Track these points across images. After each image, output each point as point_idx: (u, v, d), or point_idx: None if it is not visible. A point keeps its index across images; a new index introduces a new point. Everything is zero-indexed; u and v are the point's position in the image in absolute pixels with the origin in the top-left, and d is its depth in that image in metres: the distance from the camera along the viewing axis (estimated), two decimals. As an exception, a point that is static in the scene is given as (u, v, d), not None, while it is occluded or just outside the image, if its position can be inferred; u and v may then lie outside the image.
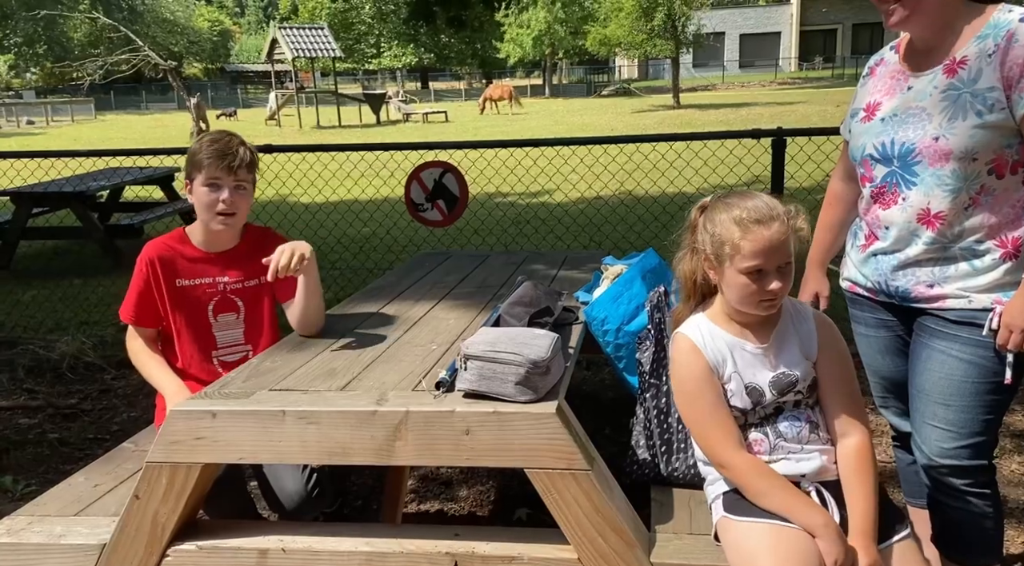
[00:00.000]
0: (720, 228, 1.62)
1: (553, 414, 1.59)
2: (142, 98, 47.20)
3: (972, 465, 1.83)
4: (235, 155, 2.16)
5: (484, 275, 2.91)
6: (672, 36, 27.22)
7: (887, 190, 1.83)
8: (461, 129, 22.01)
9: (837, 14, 45.96)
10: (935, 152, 1.71)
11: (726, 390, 1.67)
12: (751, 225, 1.58)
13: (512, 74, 55.85)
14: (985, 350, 1.75)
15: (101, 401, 3.86)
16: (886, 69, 1.90)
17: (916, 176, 1.76)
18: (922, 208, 1.76)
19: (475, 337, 1.73)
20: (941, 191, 1.73)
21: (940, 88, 1.73)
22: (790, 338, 1.70)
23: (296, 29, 26.77)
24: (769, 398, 1.66)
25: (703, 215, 1.69)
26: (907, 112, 1.78)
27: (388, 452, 1.64)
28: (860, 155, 1.89)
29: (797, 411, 1.68)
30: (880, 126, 1.84)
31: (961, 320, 1.77)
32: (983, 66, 1.66)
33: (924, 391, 1.85)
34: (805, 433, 1.67)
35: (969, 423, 1.81)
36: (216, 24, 64.16)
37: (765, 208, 1.60)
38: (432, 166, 4.08)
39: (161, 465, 1.69)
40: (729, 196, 1.67)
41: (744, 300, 1.63)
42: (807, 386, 1.68)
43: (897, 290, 1.85)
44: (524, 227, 6.31)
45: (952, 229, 1.74)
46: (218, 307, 2.28)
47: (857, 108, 1.94)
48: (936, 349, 1.81)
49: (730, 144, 5.95)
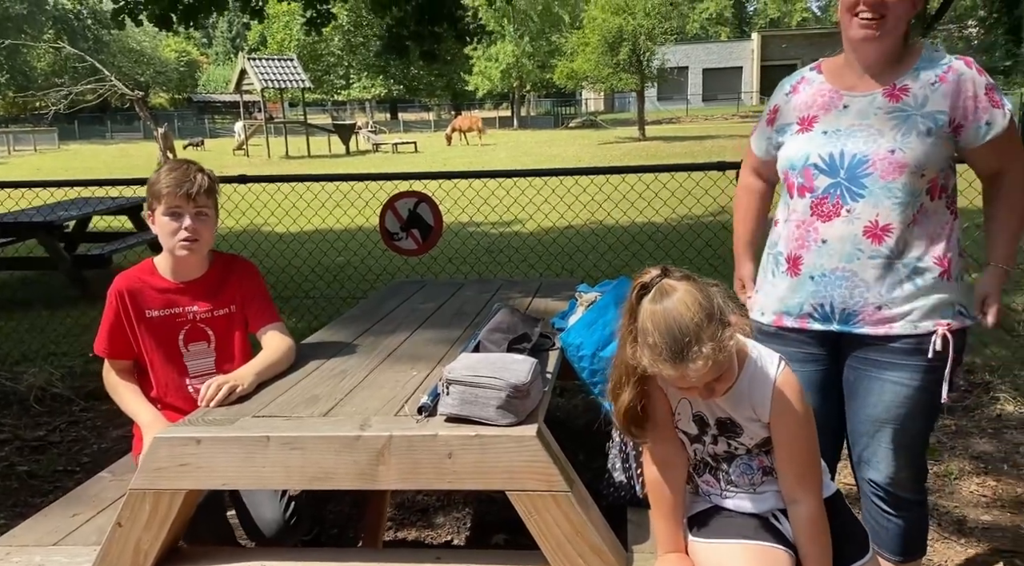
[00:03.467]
0: (640, 350, 1.49)
1: (534, 436, 1.63)
2: (107, 128, 46.75)
3: (922, 478, 2.01)
4: (193, 182, 2.17)
5: (460, 303, 2.96)
6: (637, 70, 27.75)
7: (828, 201, 1.87)
8: (431, 160, 22.14)
9: (796, 50, 47.27)
10: (890, 164, 1.80)
11: (675, 414, 1.67)
12: (663, 363, 1.45)
13: (481, 106, 56.39)
14: (932, 375, 1.86)
15: (70, 433, 3.81)
16: (811, 87, 1.98)
17: (864, 188, 1.82)
18: (870, 220, 1.82)
19: (456, 362, 1.77)
20: (891, 203, 1.80)
21: (885, 109, 1.84)
22: (743, 400, 1.61)
23: (266, 60, 26.82)
24: (713, 429, 1.65)
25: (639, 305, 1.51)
26: (851, 128, 1.86)
27: (371, 477, 1.67)
28: (802, 164, 1.92)
29: (749, 458, 1.66)
30: (823, 138, 1.89)
31: (908, 348, 1.85)
32: (928, 93, 1.81)
33: (879, 420, 1.92)
34: (758, 478, 1.66)
35: (922, 443, 1.96)
36: (183, 54, 63.85)
37: (681, 340, 1.42)
38: (407, 196, 4.14)
39: (145, 492, 1.70)
40: (658, 300, 1.47)
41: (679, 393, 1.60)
42: (756, 444, 1.64)
43: (843, 312, 1.88)
44: (497, 255, 6.39)
45: (898, 244, 1.82)
46: (188, 336, 2.28)
47: (787, 123, 2.00)
48: (888, 380, 1.88)
49: (696, 176, 6.10)
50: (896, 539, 2.00)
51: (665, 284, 1.48)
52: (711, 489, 1.69)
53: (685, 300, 1.44)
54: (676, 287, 1.47)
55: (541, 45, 41.21)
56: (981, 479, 3.06)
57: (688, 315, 1.43)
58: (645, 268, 1.55)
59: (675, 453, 1.67)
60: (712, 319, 1.43)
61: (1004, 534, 2.70)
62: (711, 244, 5.37)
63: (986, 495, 2.95)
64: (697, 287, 1.48)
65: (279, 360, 2.14)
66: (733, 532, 1.62)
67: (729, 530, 1.62)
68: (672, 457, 1.67)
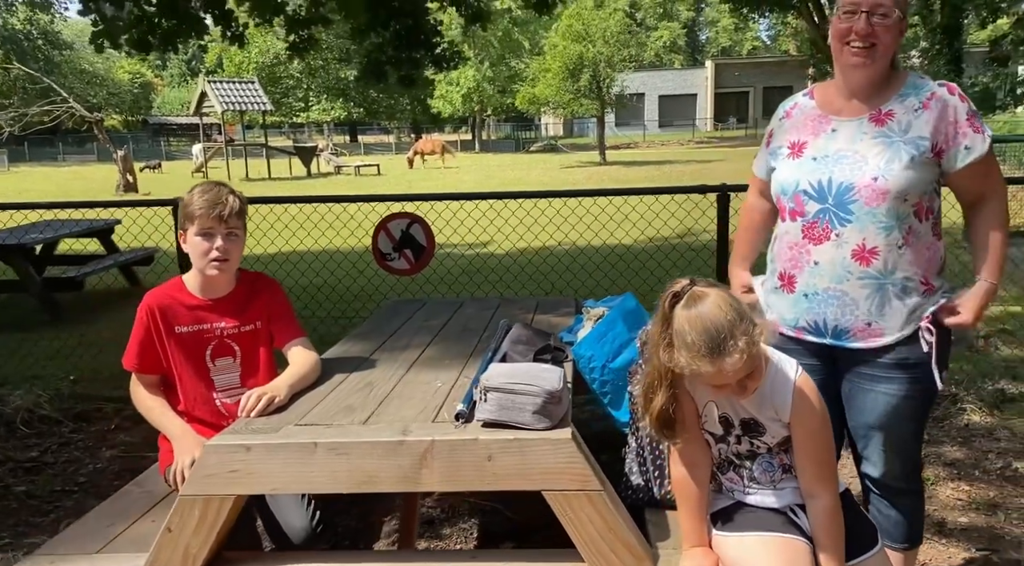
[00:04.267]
0: (677, 351, 1.61)
1: (569, 439, 1.75)
2: (58, 150, 45.80)
3: (915, 471, 2.16)
4: (225, 204, 2.26)
5: (464, 320, 3.06)
6: (597, 96, 28.31)
7: (819, 226, 1.99)
8: (394, 182, 22.21)
9: (749, 78, 48.64)
10: (873, 191, 1.91)
11: (702, 415, 1.81)
12: (701, 359, 1.57)
13: (441, 129, 56.65)
14: (916, 385, 2.00)
15: (62, 454, 3.79)
16: (802, 113, 2.12)
17: (851, 214, 1.94)
18: (857, 244, 1.95)
19: (491, 371, 1.88)
20: (875, 228, 1.93)
21: (871, 134, 1.96)
22: (766, 401, 1.73)
23: (226, 83, 26.69)
24: (737, 430, 1.79)
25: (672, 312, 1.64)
26: (839, 153, 1.98)
27: (415, 479, 1.76)
28: (792, 190, 2.02)
29: (770, 456, 1.80)
30: (813, 164, 2.01)
31: (894, 363, 1.99)
32: (912, 119, 1.94)
33: (875, 427, 2.07)
34: (778, 475, 1.79)
35: (913, 442, 2.12)
36: (137, 76, 63.06)
37: (717, 337, 1.55)
38: (399, 217, 4.24)
39: (195, 498, 1.77)
40: (690, 307, 1.61)
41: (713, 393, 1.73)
42: (777, 443, 1.78)
43: (835, 329, 2.01)
44: (475, 276, 6.49)
45: (886, 266, 1.94)
46: (215, 352, 2.35)
47: (780, 146, 2.13)
48: (880, 392, 2.03)
49: (664, 199, 6.29)
50: (897, 527, 2.14)
51: (696, 291, 1.62)
52: (734, 486, 1.82)
53: (718, 302, 1.59)
54: (707, 292, 1.61)
55: (501, 70, 41.77)
56: (956, 484, 3.25)
57: (722, 315, 1.57)
58: (674, 279, 1.69)
59: (701, 453, 1.80)
60: (743, 318, 1.58)
61: (980, 534, 2.87)
62: (678, 264, 5.55)
63: (961, 499, 3.13)
64: (726, 292, 1.63)
65: (308, 373, 2.22)
66: (755, 525, 1.74)
67: (752, 524, 1.75)
68: (698, 457, 1.79)
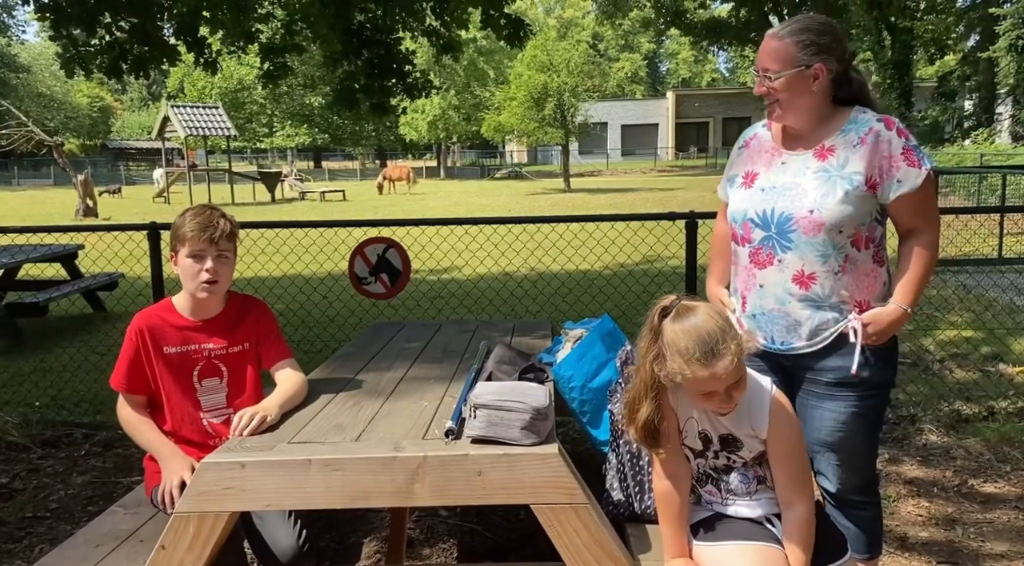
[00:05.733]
0: (670, 359, 1.71)
1: (556, 454, 1.82)
2: (13, 173, 44.88)
3: (870, 485, 2.25)
4: (216, 227, 2.32)
5: (444, 341, 3.12)
6: (561, 125, 28.73)
7: (763, 251, 2.14)
8: (360, 208, 22.20)
9: (709, 108, 49.77)
10: (809, 223, 2.05)
11: (682, 431, 1.91)
12: (695, 364, 1.67)
13: (406, 156, 56.81)
14: (864, 402, 2.11)
15: (32, 480, 3.74)
16: (759, 143, 2.26)
17: (791, 242, 2.08)
18: (797, 270, 2.08)
19: (480, 389, 1.95)
20: (813, 256, 2.06)
21: (813, 169, 2.10)
22: (743, 418, 1.84)
23: (190, 108, 26.53)
24: (715, 445, 1.89)
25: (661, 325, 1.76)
26: (784, 186, 2.12)
27: (407, 494, 1.82)
28: (741, 218, 2.17)
29: (746, 469, 1.90)
30: (760, 195, 2.15)
31: (837, 381, 2.10)
32: (849, 154, 2.06)
33: (824, 442, 2.17)
34: (754, 487, 1.89)
35: (865, 458, 2.22)
36: (96, 100, 62.26)
37: (709, 343, 1.67)
38: (376, 242, 4.29)
39: (189, 515, 1.80)
40: (680, 318, 1.73)
41: (701, 405, 1.83)
42: (753, 457, 1.88)
43: (782, 342, 2.15)
44: (449, 299, 6.56)
45: (824, 290, 2.07)
46: (203, 372, 2.38)
47: (735, 175, 2.29)
48: (827, 409, 2.14)
49: (633, 225, 6.45)
50: (855, 539, 2.23)
51: (685, 304, 1.74)
52: (713, 498, 1.91)
53: (707, 312, 1.72)
54: (696, 305, 1.74)
55: (466, 98, 42.17)
56: (916, 501, 3.38)
57: (712, 322, 1.69)
58: (662, 296, 1.81)
59: (682, 467, 1.89)
60: (731, 326, 1.71)
61: (941, 548, 3.00)
62: (648, 290, 5.68)
63: (922, 515, 3.26)
64: (711, 305, 1.75)
65: (297, 393, 2.26)
66: (734, 535, 1.83)
67: (730, 533, 1.84)
68: (679, 470, 1.88)
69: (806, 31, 2.04)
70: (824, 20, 2.10)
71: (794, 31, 2.05)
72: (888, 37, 26.30)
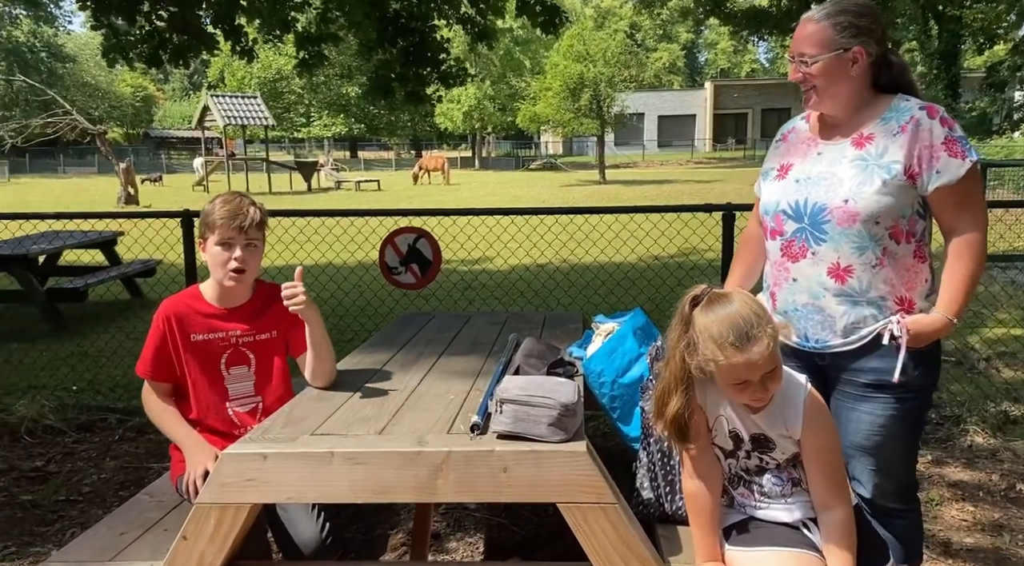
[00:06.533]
0: (702, 346, 1.65)
1: (584, 452, 1.76)
2: (59, 161, 45.87)
3: (908, 492, 2.15)
4: (246, 215, 2.30)
5: (473, 333, 3.08)
6: (597, 116, 28.49)
7: (796, 244, 2.05)
8: (395, 198, 22.28)
9: (747, 99, 49.01)
10: (844, 213, 1.95)
11: (712, 430, 1.83)
12: (729, 349, 1.61)
13: (441, 146, 56.92)
14: (904, 404, 2.01)
15: (66, 463, 3.79)
16: (797, 136, 2.17)
17: (825, 234, 1.99)
18: (832, 262, 1.99)
19: (506, 383, 1.89)
20: (849, 248, 1.97)
21: (850, 157, 2.00)
22: (776, 417, 1.76)
23: (229, 98, 26.84)
24: (747, 445, 1.81)
25: (692, 313, 1.70)
26: (819, 176, 2.03)
27: (431, 490, 1.77)
28: (773, 210, 2.09)
29: (779, 471, 1.81)
30: (794, 186, 2.06)
31: (875, 383, 2.00)
32: (889, 143, 1.96)
33: (860, 446, 2.08)
34: (788, 489, 1.81)
35: (903, 464, 2.12)
36: (139, 90, 63.33)
37: (743, 327, 1.61)
38: (406, 231, 4.26)
39: (211, 506, 1.77)
40: (713, 305, 1.67)
41: (734, 399, 1.75)
42: (786, 459, 1.79)
43: (818, 341, 2.05)
44: (480, 291, 6.53)
45: (861, 283, 1.97)
46: (230, 360, 2.37)
47: (771, 167, 2.19)
48: (863, 412, 2.05)
49: (668, 217, 6.32)
50: (892, 549, 2.14)
51: (716, 292, 1.69)
52: (745, 501, 1.83)
53: (740, 299, 1.66)
54: (728, 292, 1.68)
55: (502, 88, 42.05)
56: (960, 505, 3.26)
57: (746, 309, 1.63)
58: (692, 286, 1.75)
59: (713, 466, 1.81)
60: (765, 311, 1.65)
61: (986, 555, 2.88)
62: (683, 283, 5.57)
63: (967, 520, 3.14)
64: (743, 291, 1.71)
65: (332, 349, 2.27)
66: (768, 540, 1.75)
67: (764, 538, 1.76)
68: (710, 470, 1.80)
69: (843, 13, 1.94)
70: (862, 1, 1.99)
71: (831, 13, 1.95)
72: (935, 26, 25.59)
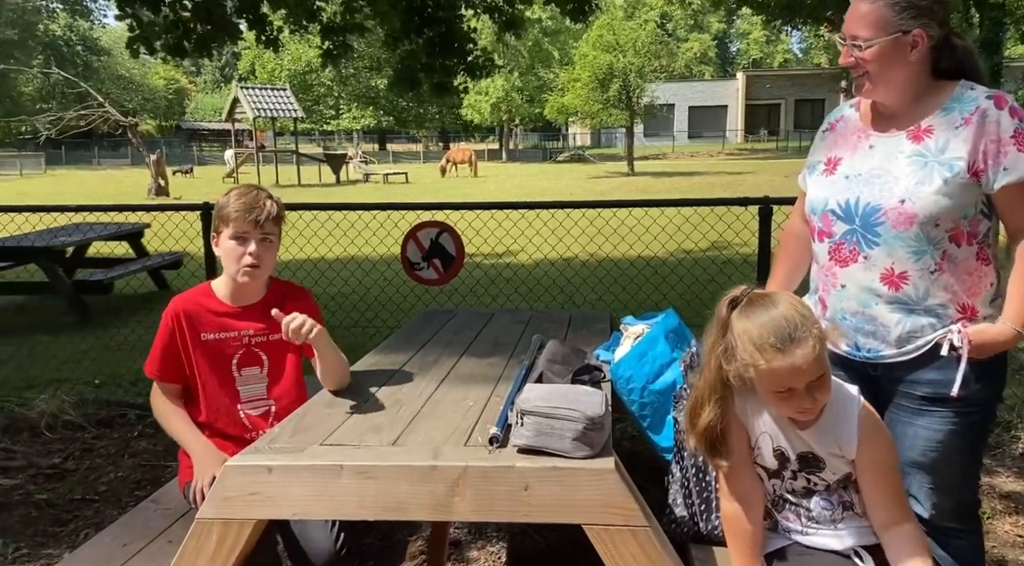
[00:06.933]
0: (741, 349, 1.53)
1: (612, 470, 1.62)
2: (93, 153, 46.52)
3: (968, 511, 1.98)
4: (262, 209, 2.19)
5: (495, 333, 2.95)
6: (627, 107, 28.16)
7: (845, 247, 1.88)
8: (423, 190, 22.21)
9: (780, 90, 48.21)
10: (900, 215, 1.78)
11: (754, 448, 1.70)
12: (769, 351, 1.49)
13: (468, 138, 56.82)
14: (963, 420, 1.85)
15: (84, 460, 3.74)
16: (846, 125, 1.99)
17: (879, 236, 1.82)
18: (885, 267, 1.82)
19: (527, 393, 1.76)
20: (904, 252, 1.80)
21: (906, 153, 1.82)
22: (826, 433, 1.63)
23: (259, 90, 26.96)
24: (793, 465, 1.66)
25: (730, 316, 1.58)
26: (871, 172, 1.85)
27: (446, 508, 1.65)
28: (821, 209, 1.93)
29: (828, 493, 1.66)
30: (844, 183, 1.90)
31: (933, 396, 1.85)
32: (951, 136, 1.77)
33: (916, 462, 1.91)
34: (838, 514, 1.66)
35: (963, 482, 1.95)
36: (172, 82, 64.02)
37: (786, 329, 1.48)
38: (429, 226, 4.14)
39: (212, 521, 1.66)
40: (753, 306, 1.55)
41: (778, 410, 1.60)
42: (837, 480, 1.64)
43: (870, 350, 1.89)
44: (503, 286, 6.39)
45: (917, 291, 1.80)
46: (242, 360, 2.27)
47: (817, 161, 2.01)
48: (920, 426, 1.89)
49: (702, 211, 6.13)
50: None
51: (757, 292, 1.56)
52: (791, 525, 1.68)
53: (784, 298, 1.54)
54: (770, 294, 1.56)
55: (530, 80, 41.79)
56: (1014, 519, 3.07)
57: (789, 310, 1.50)
58: (730, 287, 1.61)
59: (753, 487, 1.67)
60: (810, 312, 1.52)
61: (1042, 573, 2.70)
62: (716, 279, 5.37)
63: (1022, 535, 2.95)
64: (786, 292, 1.58)
65: (342, 357, 2.16)
66: (809, 569, 1.61)
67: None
68: (750, 492, 1.66)
69: None
70: None
71: None
72: (976, 14, 24.88)
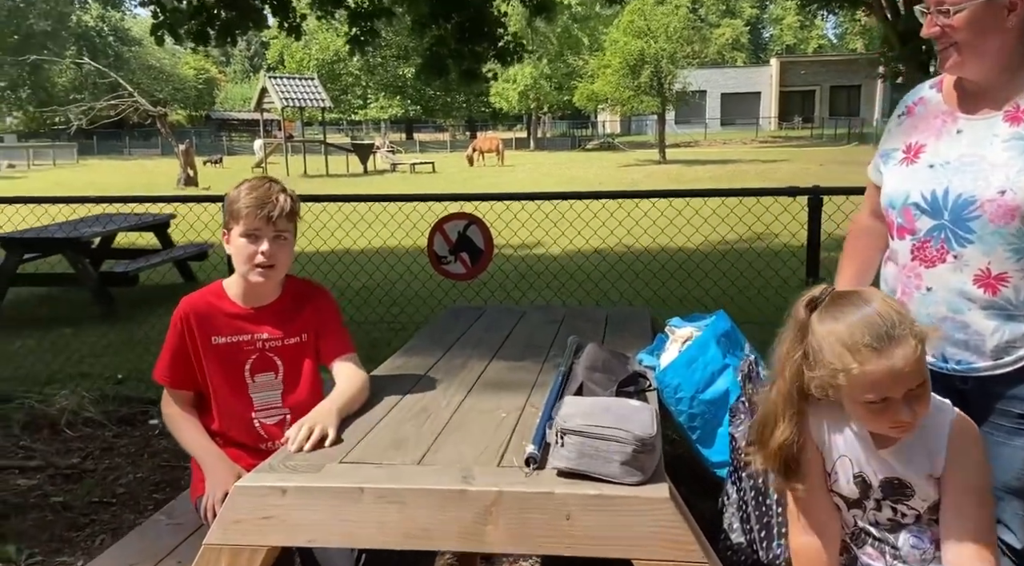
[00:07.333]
0: (828, 352, 1.34)
1: (667, 499, 1.44)
2: (125, 144, 47.00)
3: None
4: (275, 204, 2.02)
5: (527, 332, 2.77)
6: (658, 93, 27.73)
7: (932, 245, 1.67)
8: (449, 180, 22.07)
9: (815, 76, 47.25)
10: (1000, 207, 1.58)
11: (831, 474, 1.50)
12: (864, 352, 1.30)
13: (496, 127, 56.55)
14: None
15: (103, 460, 3.63)
16: (926, 108, 1.79)
17: (972, 232, 1.61)
18: (981, 268, 1.61)
19: (568, 408, 1.58)
20: (1004, 251, 1.59)
21: (1003, 137, 1.61)
22: (917, 452, 1.44)
23: (286, 79, 26.96)
24: (876, 493, 1.47)
25: (811, 318, 1.40)
26: (962, 160, 1.65)
27: (477, 537, 1.48)
28: (902, 202, 1.73)
29: (919, 528, 1.46)
30: (928, 173, 1.69)
31: None
32: None
33: (1010, 487, 1.68)
34: (931, 552, 1.45)
35: None
36: (202, 72, 64.39)
37: (882, 326, 1.30)
38: (456, 218, 3.97)
39: (221, 548, 1.51)
40: (838, 304, 1.36)
41: (869, 425, 1.41)
42: (929, 507, 1.45)
43: (960, 362, 1.68)
44: (534, 280, 6.21)
45: (1018, 294, 1.60)
46: (255, 366, 2.11)
47: (893, 148, 1.80)
48: (1018, 447, 1.66)
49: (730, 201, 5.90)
50: None
51: (839, 291, 1.38)
52: (873, 563, 1.48)
53: (876, 296, 1.36)
54: (855, 290, 1.39)
55: (559, 67, 41.40)
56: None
57: (884, 307, 1.33)
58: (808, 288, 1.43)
59: (829, 518, 1.47)
60: (906, 309, 1.35)
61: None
62: (762, 274, 5.14)
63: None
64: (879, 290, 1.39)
65: (356, 395, 1.96)
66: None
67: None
68: (827, 522, 1.46)
69: None
70: None
71: None
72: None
